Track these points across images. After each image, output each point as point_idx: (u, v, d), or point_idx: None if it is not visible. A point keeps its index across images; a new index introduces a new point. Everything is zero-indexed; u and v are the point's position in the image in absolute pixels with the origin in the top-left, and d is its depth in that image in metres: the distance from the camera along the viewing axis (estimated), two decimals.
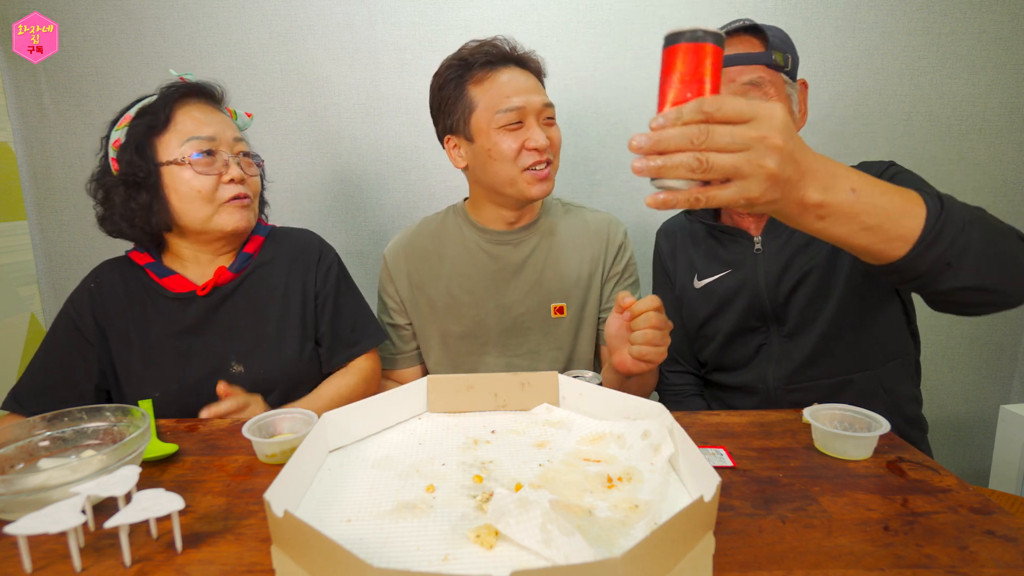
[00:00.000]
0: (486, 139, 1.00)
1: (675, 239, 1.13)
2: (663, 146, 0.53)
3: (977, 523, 0.55)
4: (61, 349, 0.94)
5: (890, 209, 0.60)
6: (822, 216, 0.58)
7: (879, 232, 0.60)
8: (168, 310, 0.96)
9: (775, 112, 0.53)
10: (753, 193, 0.54)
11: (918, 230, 0.61)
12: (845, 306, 0.94)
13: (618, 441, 0.67)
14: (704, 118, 0.52)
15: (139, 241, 0.97)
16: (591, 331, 1.13)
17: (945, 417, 1.57)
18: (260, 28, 1.40)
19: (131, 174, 0.90)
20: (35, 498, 0.55)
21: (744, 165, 0.52)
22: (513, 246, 1.11)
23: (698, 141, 0.52)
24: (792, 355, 0.97)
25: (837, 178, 0.58)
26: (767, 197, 0.54)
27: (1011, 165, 1.45)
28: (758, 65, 0.89)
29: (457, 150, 1.07)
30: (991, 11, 1.38)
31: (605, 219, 1.15)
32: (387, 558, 0.49)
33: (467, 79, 1.02)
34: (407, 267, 1.13)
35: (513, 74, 1.02)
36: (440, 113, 1.06)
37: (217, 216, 0.93)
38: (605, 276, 1.13)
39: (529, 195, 1.02)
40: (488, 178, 1.04)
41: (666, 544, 0.44)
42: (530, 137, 1.00)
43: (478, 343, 1.12)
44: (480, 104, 1.00)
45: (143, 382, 0.93)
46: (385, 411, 0.74)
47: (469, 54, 1.02)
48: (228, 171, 0.93)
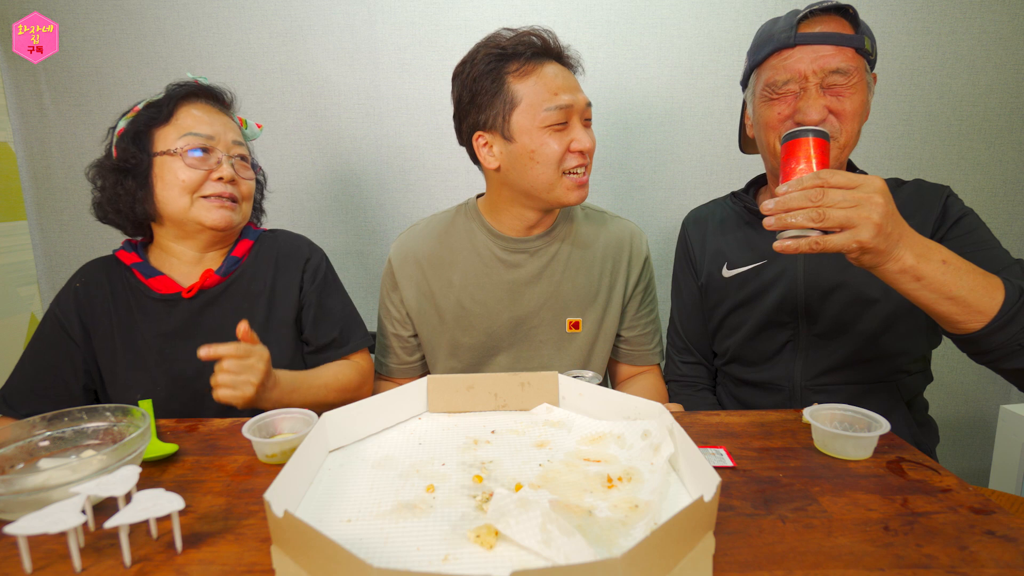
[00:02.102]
0: (529, 139, 0.93)
1: (704, 227, 1.10)
2: (788, 205, 0.67)
3: (977, 523, 0.55)
4: (48, 350, 0.94)
5: (973, 285, 0.69)
6: (918, 278, 0.68)
7: (961, 304, 0.69)
8: (153, 312, 0.95)
9: (876, 181, 0.66)
10: (863, 237, 0.65)
11: (995, 309, 0.70)
12: (884, 317, 0.93)
13: (618, 441, 0.67)
14: (820, 183, 0.66)
15: (126, 230, 0.97)
16: (606, 348, 1.09)
17: (945, 417, 1.57)
18: (260, 28, 1.40)
19: (125, 160, 0.91)
20: (35, 498, 0.55)
21: (854, 216, 0.65)
22: (530, 255, 1.04)
23: (815, 199, 0.66)
24: (822, 356, 0.96)
25: (930, 248, 0.69)
26: (873, 243, 0.65)
27: (1011, 165, 1.45)
28: (848, 48, 0.86)
29: (488, 148, 0.97)
30: (991, 11, 1.38)
31: (628, 229, 1.09)
32: (387, 558, 0.49)
33: (507, 71, 0.93)
34: (415, 275, 1.07)
35: (556, 69, 0.95)
36: (471, 107, 0.96)
37: (195, 208, 0.92)
38: (628, 294, 1.08)
39: (567, 201, 0.96)
40: (525, 181, 0.96)
41: (666, 544, 0.44)
42: (576, 139, 0.94)
43: (488, 355, 1.07)
44: (524, 100, 0.92)
45: (127, 383, 0.93)
46: (385, 411, 0.74)
47: (509, 44, 0.93)
48: (219, 169, 0.93)
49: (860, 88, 0.87)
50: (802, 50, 0.86)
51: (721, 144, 1.45)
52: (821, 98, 0.86)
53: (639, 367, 1.13)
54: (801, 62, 0.86)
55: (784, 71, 0.87)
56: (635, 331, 1.10)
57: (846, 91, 0.86)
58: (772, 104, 0.90)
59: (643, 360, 1.12)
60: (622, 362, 1.13)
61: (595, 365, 1.09)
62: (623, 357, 1.13)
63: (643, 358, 1.12)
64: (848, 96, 0.86)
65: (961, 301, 0.69)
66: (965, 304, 0.70)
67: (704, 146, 1.46)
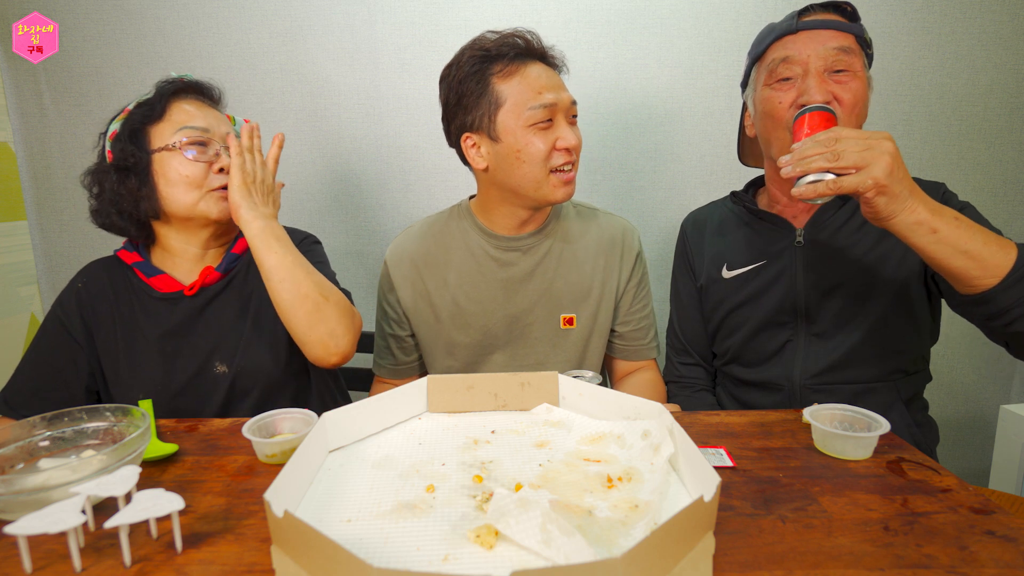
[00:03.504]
0: (514, 138, 0.94)
1: (703, 229, 1.11)
2: (804, 155, 0.72)
3: (977, 523, 0.55)
4: (50, 351, 0.94)
5: (986, 240, 0.71)
6: (934, 230, 0.70)
7: (976, 259, 0.71)
8: (155, 311, 0.96)
9: (886, 133, 0.70)
10: (877, 174, 0.67)
11: (1009, 265, 0.71)
12: (883, 315, 0.93)
13: (618, 441, 0.67)
14: (834, 135, 0.71)
15: (128, 232, 0.96)
16: (601, 343, 1.10)
17: (945, 417, 1.57)
18: (260, 28, 1.40)
19: (123, 160, 0.90)
20: (35, 498, 0.55)
21: (868, 156, 0.68)
22: (522, 252, 1.06)
23: (830, 146, 0.70)
24: (821, 355, 0.96)
25: (941, 207, 0.71)
26: (888, 182, 0.68)
27: (1011, 165, 1.45)
28: (849, 35, 0.88)
29: (476, 149, 0.99)
30: (991, 11, 1.38)
31: (620, 225, 1.10)
32: (387, 558, 0.49)
33: (492, 72, 0.95)
34: (411, 275, 1.08)
35: (540, 69, 0.96)
36: (458, 109, 0.98)
37: (203, 202, 0.92)
38: (620, 290, 1.09)
39: (554, 199, 0.98)
40: (512, 180, 0.97)
41: (666, 544, 0.44)
42: (561, 136, 0.95)
43: (484, 353, 1.08)
44: (508, 100, 0.94)
45: (130, 383, 0.93)
46: (385, 411, 0.74)
47: (493, 46, 0.95)
48: (218, 161, 0.93)
49: (861, 77, 0.89)
50: (804, 35, 0.89)
51: (721, 144, 1.45)
52: (825, 83, 0.87)
53: (636, 362, 1.14)
54: (805, 45, 0.88)
55: (786, 51, 0.89)
56: (629, 326, 1.11)
57: (848, 78, 0.87)
58: (775, 90, 0.91)
59: (639, 355, 1.13)
60: (618, 358, 1.14)
61: (591, 361, 1.10)
62: (619, 353, 1.14)
63: (639, 353, 1.13)
64: (849, 83, 0.87)
65: (975, 256, 0.70)
66: (979, 259, 0.70)
67: (704, 146, 1.46)
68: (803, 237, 0.97)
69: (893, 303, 0.93)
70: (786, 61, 0.89)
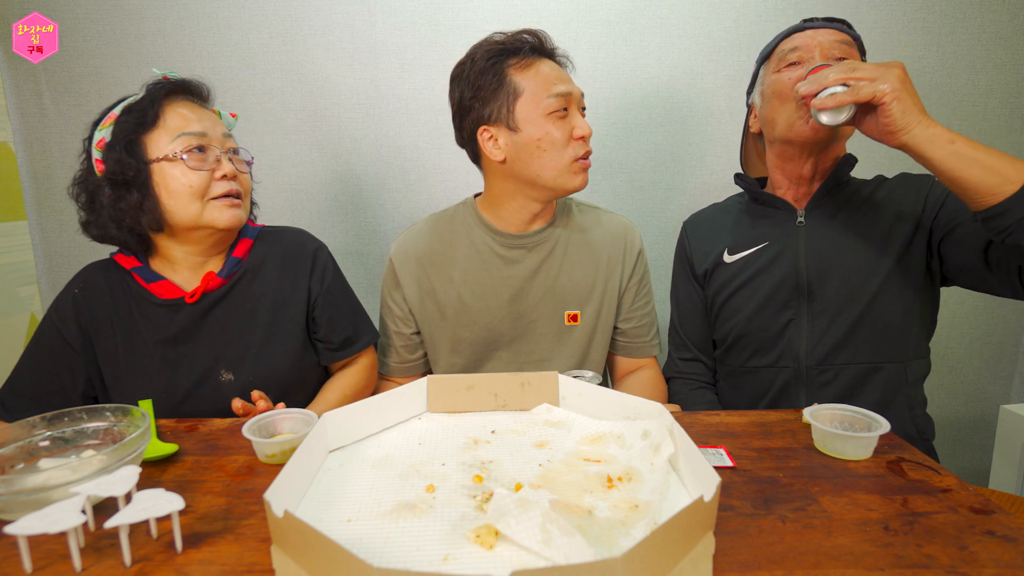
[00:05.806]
0: (534, 127, 0.97)
1: (701, 229, 1.13)
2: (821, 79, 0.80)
3: (977, 523, 0.55)
4: (46, 356, 0.91)
5: (1000, 153, 0.74)
6: (952, 140, 0.74)
7: (991, 170, 0.73)
8: (156, 317, 0.93)
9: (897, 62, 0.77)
10: (892, 81, 0.74)
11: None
12: (883, 293, 0.95)
13: (618, 441, 0.67)
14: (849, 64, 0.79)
15: (126, 244, 0.93)
16: (604, 340, 1.11)
17: (945, 417, 1.57)
18: (260, 28, 1.40)
19: (119, 173, 0.87)
20: (35, 498, 0.55)
21: (880, 70, 0.76)
22: (527, 250, 1.06)
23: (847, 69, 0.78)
24: (825, 334, 0.97)
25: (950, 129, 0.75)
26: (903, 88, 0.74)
27: None
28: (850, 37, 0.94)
29: (494, 142, 1.00)
30: (991, 11, 1.38)
31: (622, 224, 1.12)
32: (387, 558, 0.49)
33: (508, 65, 0.98)
34: (416, 272, 1.08)
35: (551, 65, 1.01)
36: (474, 102, 1.00)
37: (207, 212, 0.90)
38: (623, 287, 1.10)
39: (572, 186, 0.99)
40: (531, 169, 0.98)
41: (666, 544, 0.44)
42: (577, 125, 0.98)
43: (489, 349, 1.09)
44: (527, 90, 0.97)
45: (130, 390, 0.91)
46: (385, 411, 0.74)
47: (507, 41, 0.99)
48: (220, 167, 0.90)
49: None
50: (811, 31, 0.95)
51: (721, 144, 1.45)
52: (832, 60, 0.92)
53: (637, 360, 1.15)
54: (812, 38, 0.94)
55: (794, 43, 0.95)
56: (631, 323, 1.13)
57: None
58: (784, 72, 0.95)
59: (640, 352, 1.14)
60: (620, 355, 1.15)
61: (594, 357, 1.11)
62: (620, 350, 1.15)
63: (640, 350, 1.14)
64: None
65: (991, 166, 0.73)
66: (996, 169, 0.73)
67: (704, 146, 1.46)
68: (804, 218, 0.99)
69: (893, 284, 0.95)
70: (795, 50, 0.94)
